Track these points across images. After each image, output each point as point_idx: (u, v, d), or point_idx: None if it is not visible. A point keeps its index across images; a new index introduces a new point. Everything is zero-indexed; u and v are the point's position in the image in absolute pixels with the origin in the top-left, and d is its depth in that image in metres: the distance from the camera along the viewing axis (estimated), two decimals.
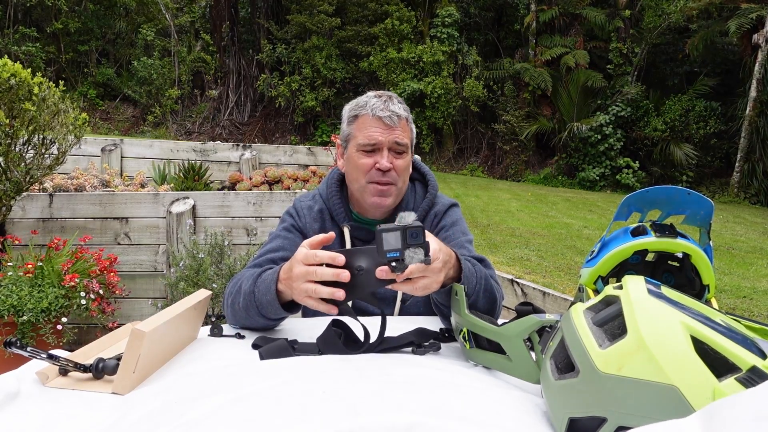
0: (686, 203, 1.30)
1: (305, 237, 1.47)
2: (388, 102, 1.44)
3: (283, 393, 0.82)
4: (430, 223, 1.54)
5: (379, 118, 1.41)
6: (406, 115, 1.46)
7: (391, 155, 1.42)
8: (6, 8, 14.69)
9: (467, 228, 1.57)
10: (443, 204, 1.57)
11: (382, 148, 1.42)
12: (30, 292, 2.95)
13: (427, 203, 1.54)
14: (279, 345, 1.07)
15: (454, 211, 1.57)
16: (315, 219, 1.51)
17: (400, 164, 1.43)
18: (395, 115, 1.41)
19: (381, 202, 1.45)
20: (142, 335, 0.89)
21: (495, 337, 1.00)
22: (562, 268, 4.98)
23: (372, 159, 1.42)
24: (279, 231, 1.51)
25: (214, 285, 3.31)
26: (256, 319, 1.22)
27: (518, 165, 14.95)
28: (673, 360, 0.61)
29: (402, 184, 1.47)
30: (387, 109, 1.41)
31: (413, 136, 1.51)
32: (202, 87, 16.72)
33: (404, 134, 1.44)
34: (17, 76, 3.03)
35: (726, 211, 10.13)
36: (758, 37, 12.21)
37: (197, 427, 0.76)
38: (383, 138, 1.41)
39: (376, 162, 1.41)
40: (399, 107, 1.44)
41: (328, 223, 1.51)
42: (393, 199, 1.46)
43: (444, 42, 14.86)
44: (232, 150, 6.09)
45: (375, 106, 1.42)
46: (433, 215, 1.54)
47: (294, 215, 1.53)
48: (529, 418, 0.82)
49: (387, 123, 1.41)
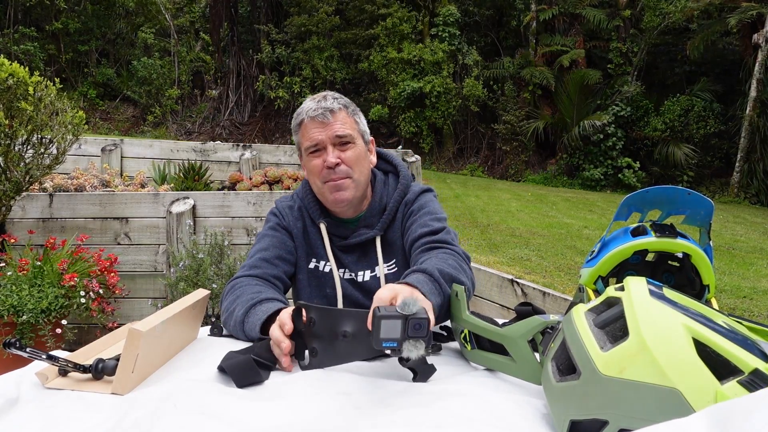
0: (686, 203, 1.30)
1: (291, 235, 1.52)
2: (321, 101, 1.45)
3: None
4: (402, 213, 1.53)
5: (313, 118, 1.43)
6: (341, 107, 1.46)
7: (337, 150, 1.43)
8: (6, 8, 14.68)
9: (440, 208, 1.53)
10: (414, 192, 1.55)
11: (326, 146, 1.43)
12: (30, 292, 2.94)
13: (398, 194, 1.53)
14: (246, 363, 0.99)
15: (423, 196, 1.55)
16: (297, 218, 1.54)
17: (348, 156, 1.44)
18: (327, 110, 1.42)
19: (339, 197, 1.45)
20: (139, 335, 0.88)
21: (498, 338, 0.99)
22: (562, 268, 4.98)
23: (320, 159, 1.44)
24: (266, 231, 1.54)
25: (214, 285, 3.31)
26: (244, 339, 1.25)
27: (518, 165, 14.94)
28: (675, 363, 0.61)
29: (359, 175, 1.46)
30: (319, 107, 1.43)
31: (361, 126, 1.50)
32: (202, 87, 16.72)
33: (344, 126, 1.44)
34: (15, 75, 3.03)
35: (726, 211, 10.13)
36: (758, 36, 12.20)
37: (197, 427, 0.76)
38: (323, 135, 1.43)
39: (324, 160, 1.43)
40: (332, 102, 1.45)
41: (308, 221, 1.54)
42: (351, 191, 1.46)
43: (444, 41, 14.85)
44: (232, 150, 6.09)
45: (308, 108, 1.45)
46: (404, 204, 1.53)
47: (278, 215, 1.56)
48: (530, 419, 0.81)
49: (321, 120, 1.42)
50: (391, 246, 1.52)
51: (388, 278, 1.50)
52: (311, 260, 1.53)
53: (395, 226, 1.53)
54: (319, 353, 1.02)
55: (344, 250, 1.52)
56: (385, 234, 1.52)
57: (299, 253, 1.52)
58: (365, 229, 1.51)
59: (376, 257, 1.50)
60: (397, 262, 1.52)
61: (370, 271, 1.51)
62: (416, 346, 0.80)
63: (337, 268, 1.50)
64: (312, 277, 1.52)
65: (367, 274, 1.51)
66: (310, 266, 1.52)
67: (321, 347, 1.01)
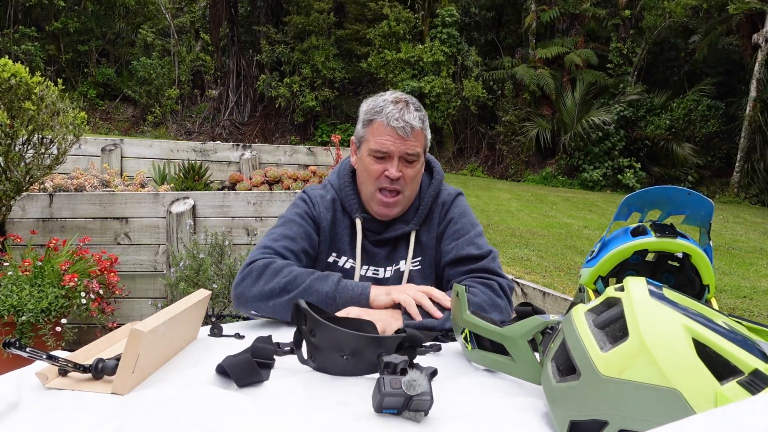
0: (686, 203, 1.30)
1: (318, 227, 1.48)
2: (404, 110, 1.42)
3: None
4: (438, 214, 1.53)
5: (393, 128, 1.40)
6: (421, 125, 1.45)
7: (402, 164, 1.42)
8: (6, 8, 14.68)
9: (475, 217, 1.56)
10: (449, 193, 1.56)
11: (393, 157, 1.42)
12: (30, 292, 2.94)
13: (432, 191, 1.53)
14: (245, 362, 0.97)
15: (460, 201, 1.56)
16: (327, 209, 1.50)
17: (409, 173, 1.44)
18: (409, 126, 1.40)
19: (387, 213, 1.47)
20: (140, 335, 0.88)
21: (498, 338, 0.99)
22: (562, 268, 4.98)
23: (382, 166, 1.42)
24: (293, 215, 1.49)
25: (214, 285, 3.31)
26: (287, 305, 1.28)
27: (518, 165, 14.94)
28: (675, 363, 0.61)
29: (411, 192, 1.47)
30: (401, 119, 1.40)
31: (427, 142, 1.50)
32: (202, 87, 16.71)
33: (417, 144, 1.43)
34: (17, 76, 3.03)
35: (726, 211, 10.12)
36: (758, 37, 12.20)
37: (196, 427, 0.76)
38: (395, 148, 1.41)
39: (386, 169, 1.42)
40: (414, 117, 1.42)
41: (339, 214, 1.51)
42: (400, 208, 1.47)
43: (444, 42, 14.85)
44: (232, 150, 6.09)
45: (390, 114, 1.41)
46: (441, 205, 1.53)
47: (308, 202, 1.51)
48: (530, 420, 0.81)
49: (400, 134, 1.40)
50: (421, 243, 1.52)
51: (412, 274, 1.50)
52: (331, 254, 1.51)
53: (430, 224, 1.53)
54: (318, 360, 1.01)
55: (377, 245, 1.51)
56: (419, 229, 1.52)
57: (321, 248, 1.50)
58: (401, 224, 1.51)
59: (403, 252, 1.50)
60: (422, 260, 1.52)
61: (394, 265, 1.50)
62: (416, 416, 0.82)
63: (361, 266, 1.49)
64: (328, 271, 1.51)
65: (389, 270, 1.50)
66: (329, 260, 1.51)
67: (320, 357, 1.00)
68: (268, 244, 1.42)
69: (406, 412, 0.81)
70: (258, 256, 1.38)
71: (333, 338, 0.98)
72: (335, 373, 1.00)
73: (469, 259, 1.43)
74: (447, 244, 1.48)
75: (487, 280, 1.38)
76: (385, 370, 0.86)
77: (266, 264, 1.35)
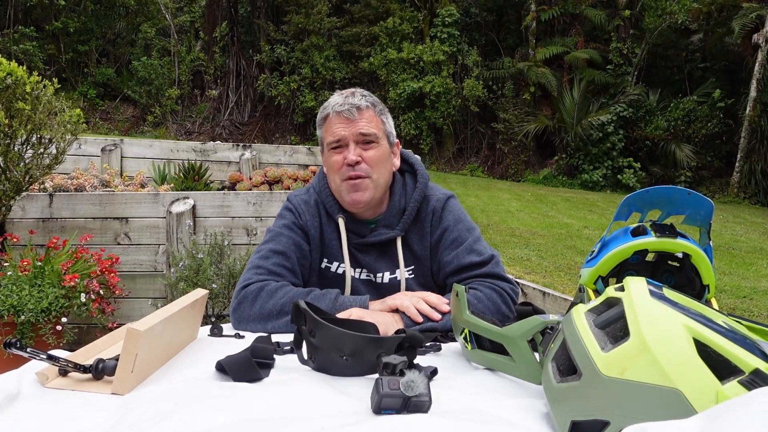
0: (686, 203, 1.30)
1: (307, 235, 1.46)
2: (349, 96, 1.42)
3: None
4: (429, 223, 1.48)
5: (339, 113, 1.40)
6: (369, 105, 1.42)
7: (359, 148, 1.40)
8: (6, 8, 14.68)
9: (470, 220, 1.51)
10: (438, 198, 1.49)
11: (348, 143, 1.40)
12: (30, 292, 2.94)
13: (418, 194, 1.48)
14: (244, 361, 0.97)
15: (452, 205, 1.50)
16: (313, 215, 1.48)
17: (370, 155, 1.40)
18: (354, 107, 1.39)
19: (357, 198, 1.41)
20: (137, 335, 0.88)
21: (498, 338, 0.99)
22: (562, 268, 4.98)
23: (341, 155, 1.40)
24: (280, 228, 1.47)
25: (213, 285, 3.30)
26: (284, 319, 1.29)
27: (518, 165, 14.94)
28: (676, 363, 0.61)
29: (378, 176, 1.42)
30: (346, 103, 1.40)
31: (387, 127, 1.47)
32: (202, 87, 16.71)
33: (369, 124, 1.41)
34: (13, 75, 3.02)
35: (726, 211, 10.13)
36: (758, 37, 12.20)
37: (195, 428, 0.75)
38: (346, 132, 1.40)
39: (345, 157, 1.40)
40: (360, 99, 1.42)
41: (324, 217, 1.49)
42: (370, 192, 1.42)
43: (445, 42, 14.85)
44: (232, 150, 6.08)
45: (335, 102, 1.42)
46: (431, 213, 1.48)
47: (294, 211, 1.49)
48: (531, 420, 0.81)
49: (347, 116, 1.39)
50: (413, 252, 1.48)
51: (408, 282, 1.47)
52: (323, 260, 1.49)
53: (418, 230, 1.48)
54: (317, 360, 1.01)
55: (361, 249, 1.47)
56: (405, 236, 1.47)
57: (313, 255, 1.48)
58: (385, 229, 1.47)
59: (396, 259, 1.46)
60: (415, 269, 1.48)
61: (390, 272, 1.47)
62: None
63: (352, 268, 1.46)
64: (322, 278, 1.48)
65: (386, 275, 1.47)
66: (321, 266, 1.49)
67: (320, 357, 1.00)
68: (259, 264, 1.40)
69: (405, 413, 0.81)
70: (252, 279, 1.37)
71: (333, 338, 0.98)
72: (335, 373, 1.00)
73: (472, 267, 1.41)
74: (446, 255, 1.45)
75: (494, 285, 1.37)
76: (383, 371, 0.86)
77: (260, 287, 1.34)
